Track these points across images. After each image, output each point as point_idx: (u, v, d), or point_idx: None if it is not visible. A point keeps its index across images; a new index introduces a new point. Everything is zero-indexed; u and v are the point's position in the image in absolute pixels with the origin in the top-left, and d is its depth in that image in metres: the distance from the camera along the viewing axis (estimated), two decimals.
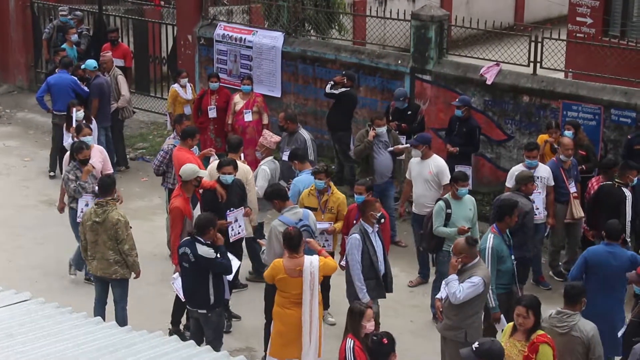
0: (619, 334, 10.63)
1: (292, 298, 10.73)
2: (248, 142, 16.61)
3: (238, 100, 17.02)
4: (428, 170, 13.66)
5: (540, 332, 9.16)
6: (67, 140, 14.45)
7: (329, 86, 16.75)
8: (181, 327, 12.36)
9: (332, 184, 12.82)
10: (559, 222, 13.98)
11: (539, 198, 13.37)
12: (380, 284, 11.48)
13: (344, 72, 17.05)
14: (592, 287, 10.67)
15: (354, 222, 12.23)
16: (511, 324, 9.39)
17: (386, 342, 8.61)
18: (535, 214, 13.03)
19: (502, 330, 9.92)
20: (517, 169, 13.73)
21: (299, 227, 11.50)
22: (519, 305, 9.23)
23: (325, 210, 12.55)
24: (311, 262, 10.69)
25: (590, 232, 13.38)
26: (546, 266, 14.40)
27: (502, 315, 11.13)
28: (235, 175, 12.58)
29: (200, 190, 12.57)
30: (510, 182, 13.67)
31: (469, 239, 10.48)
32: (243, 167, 13.23)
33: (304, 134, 15.02)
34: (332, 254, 12.83)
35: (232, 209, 12.61)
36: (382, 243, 11.62)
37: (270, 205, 12.48)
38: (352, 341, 9.15)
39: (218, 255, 10.96)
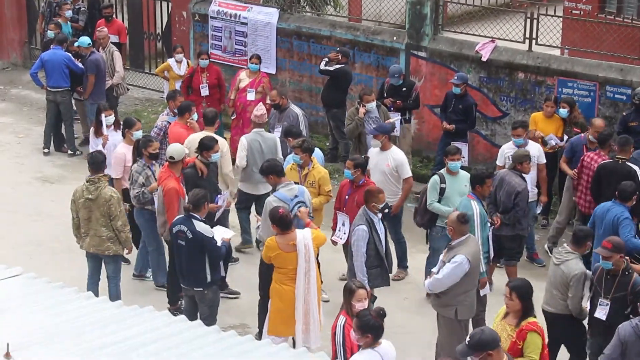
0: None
1: (289, 274, 10.73)
2: (248, 120, 16.51)
3: (244, 77, 16.95)
4: (386, 162, 13.25)
5: (531, 319, 9.12)
6: (97, 145, 14.10)
7: (323, 63, 16.69)
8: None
9: (314, 158, 12.73)
10: (567, 200, 13.97)
11: (528, 177, 13.05)
12: (385, 271, 11.45)
13: (338, 49, 16.99)
14: (597, 240, 11.20)
15: (346, 197, 12.22)
16: (504, 307, 9.35)
17: (374, 316, 8.57)
18: None
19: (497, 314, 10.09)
20: (507, 147, 13.76)
21: (295, 203, 11.49)
22: (506, 286, 9.28)
23: (304, 184, 12.46)
24: (304, 235, 10.73)
25: (581, 203, 13.39)
26: (542, 242, 14.37)
27: (488, 282, 11.17)
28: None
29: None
30: (500, 161, 13.67)
31: (460, 216, 10.51)
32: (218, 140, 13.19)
33: (295, 109, 14.99)
34: None
35: (222, 192, 12.63)
36: (386, 227, 11.56)
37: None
38: (344, 318, 9.14)
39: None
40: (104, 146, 14.08)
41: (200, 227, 10.81)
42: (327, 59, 16.66)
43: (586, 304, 10.38)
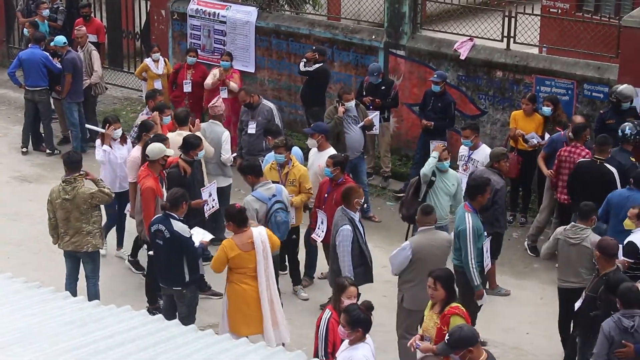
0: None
1: (249, 272, 10.69)
2: None
3: (217, 75, 16.94)
4: (319, 163, 13.05)
5: (454, 304, 9.26)
6: (99, 154, 13.78)
7: (302, 64, 16.66)
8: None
9: (293, 157, 12.74)
10: (548, 199, 14.01)
11: (464, 179, 12.92)
12: (369, 269, 11.43)
13: (314, 48, 16.97)
14: (613, 228, 11.62)
15: (325, 195, 12.22)
16: None
17: (363, 310, 8.62)
18: None
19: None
20: (461, 149, 13.91)
21: (273, 203, 11.48)
22: (429, 276, 9.36)
23: (286, 183, 12.48)
24: (259, 232, 10.74)
25: (563, 197, 13.43)
26: (521, 240, 14.42)
27: (484, 292, 11.21)
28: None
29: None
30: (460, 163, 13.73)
31: (424, 206, 10.88)
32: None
33: (268, 104, 15.00)
34: (297, 229, 12.81)
35: (208, 185, 12.61)
36: (362, 225, 11.56)
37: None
38: (330, 313, 9.17)
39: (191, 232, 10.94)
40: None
41: (178, 226, 10.78)
42: (305, 60, 16.65)
43: None
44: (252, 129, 14.49)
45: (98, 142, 13.84)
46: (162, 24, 20.02)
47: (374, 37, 17.28)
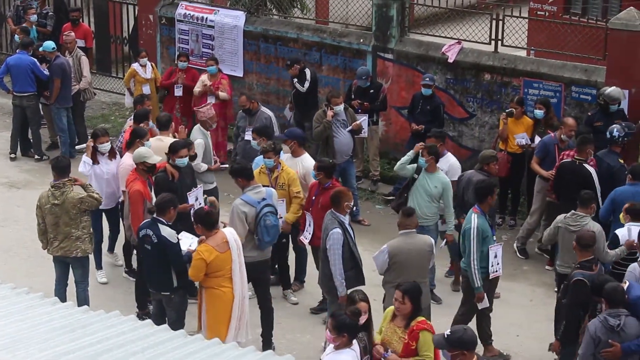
0: None
1: (227, 274, 10.68)
2: None
3: (205, 81, 16.93)
4: (295, 169, 12.86)
5: (420, 318, 9.25)
6: (81, 166, 13.56)
7: (297, 84, 16.52)
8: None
9: (282, 160, 12.71)
10: (539, 202, 14.02)
11: None
12: (360, 272, 11.40)
13: (288, 63, 16.77)
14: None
15: (313, 198, 12.21)
16: (391, 308, 9.41)
17: (350, 316, 8.62)
18: None
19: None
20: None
21: (262, 206, 11.47)
22: (397, 289, 9.33)
23: (276, 187, 12.43)
24: (230, 231, 10.80)
25: (554, 196, 13.47)
26: (510, 242, 14.43)
27: (485, 295, 11.22)
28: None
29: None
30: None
31: (404, 209, 11.13)
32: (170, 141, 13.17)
33: (267, 111, 15.03)
34: (287, 233, 12.75)
35: (193, 189, 12.59)
36: (352, 229, 11.55)
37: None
38: None
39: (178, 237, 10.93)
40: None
41: (166, 232, 10.75)
42: (295, 79, 16.57)
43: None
44: (249, 135, 14.42)
45: (84, 156, 13.52)
46: (150, 28, 20.00)
47: (362, 40, 17.30)
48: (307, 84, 16.43)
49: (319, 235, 11.90)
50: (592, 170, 12.79)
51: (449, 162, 13.33)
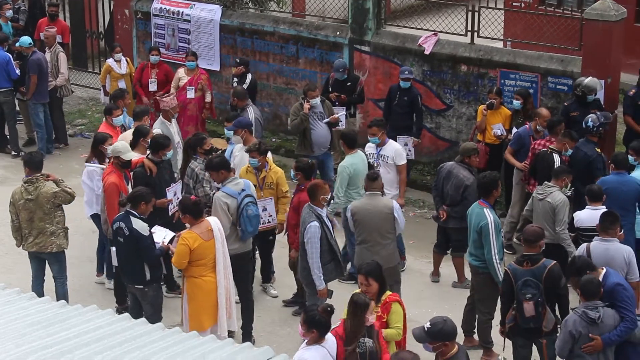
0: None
1: (210, 263, 10.71)
2: (189, 118, 16.59)
3: (182, 76, 16.86)
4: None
5: (389, 292, 9.41)
6: (92, 177, 13.42)
7: (235, 82, 16.43)
8: None
9: (269, 159, 12.61)
10: (519, 193, 14.06)
11: (385, 178, 12.71)
12: (339, 264, 11.41)
13: (238, 60, 16.72)
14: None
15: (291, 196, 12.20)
16: (357, 291, 9.35)
17: (321, 312, 8.59)
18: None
19: None
20: (368, 146, 13.44)
21: (242, 197, 11.48)
22: (359, 273, 9.40)
23: (263, 186, 12.38)
24: (215, 221, 10.84)
25: (531, 187, 13.48)
26: None
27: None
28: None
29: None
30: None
31: (369, 174, 11.71)
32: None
33: (252, 111, 14.88)
34: (273, 231, 12.72)
35: (172, 184, 12.56)
36: (331, 222, 11.53)
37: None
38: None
39: (152, 231, 10.91)
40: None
41: (138, 224, 10.74)
42: (235, 79, 16.44)
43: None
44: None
45: (85, 172, 13.10)
46: (126, 23, 19.93)
47: (338, 33, 17.29)
48: (245, 83, 16.18)
49: (291, 236, 12.01)
50: (557, 159, 12.88)
51: (394, 148, 13.37)
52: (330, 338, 8.52)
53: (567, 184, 12.08)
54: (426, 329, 7.99)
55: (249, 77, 16.51)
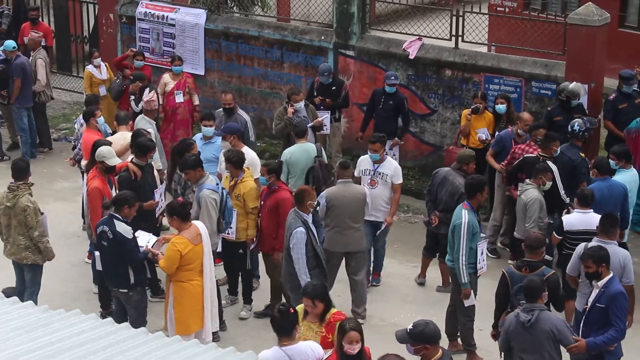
0: None
1: (197, 267, 10.73)
2: (179, 122, 16.54)
3: (168, 81, 16.80)
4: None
5: (333, 310, 9.20)
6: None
7: (133, 103, 16.10)
8: None
9: (248, 170, 12.36)
10: (501, 196, 14.07)
11: (378, 194, 12.64)
12: (323, 270, 11.37)
13: (132, 77, 16.47)
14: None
15: (261, 203, 12.12)
16: (302, 306, 9.26)
17: (292, 311, 8.56)
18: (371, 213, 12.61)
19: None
20: (364, 159, 13.02)
21: (221, 190, 11.69)
22: (305, 296, 9.16)
23: (231, 195, 12.16)
24: (200, 225, 10.86)
25: (513, 190, 13.50)
26: None
27: (472, 292, 11.25)
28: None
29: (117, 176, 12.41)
30: (357, 171, 12.99)
31: (341, 162, 12.51)
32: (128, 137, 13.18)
33: (244, 115, 14.85)
34: (243, 244, 12.38)
35: (159, 186, 12.56)
36: (316, 227, 11.46)
37: None
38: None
39: (135, 235, 10.90)
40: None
41: (121, 227, 10.73)
42: (133, 96, 16.12)
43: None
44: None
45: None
46: (111, 27, 19.90)
47: (323, 37, 17.31)
48: (141, 105, 15.73)
49: (268, 241, 11.96)
50: (554, 167, 12.87)
51: (393, 166, 12.95)
52: (303, 345, 8.42)
53: (544, 183, 12.19)
54: (408, 331, 8.00)
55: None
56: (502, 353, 9.78)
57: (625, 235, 12.53)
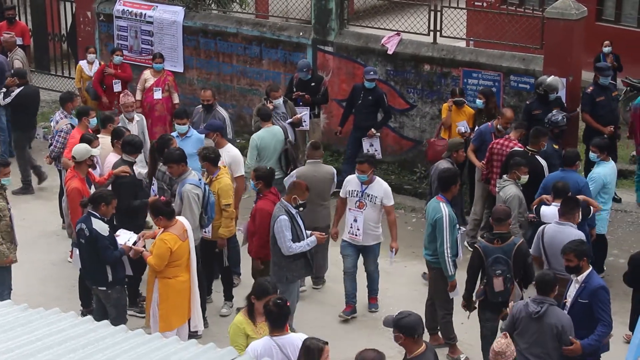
0: None
1: (184, 263, 10.72)
2: (157, 119, 16.54)
3: (148, 77, 16.80)
4: (221, 160, 12.30)
5: None
6: None
7: (1, 96, 16.24)
8: None
9: (224, 168, 12.30)
10: (481, 190, 14.10)
11: (370, 217, 12.05)
12: (308, 262, 11.35)
13: (12, 72, 16.49)
14: None
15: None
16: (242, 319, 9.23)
17: (289, 304, 8.61)
18: (355, 235, 12.14)
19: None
20: (351, 178, 12.26)
21: (203, 184, 11.67)
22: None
23: None
24: (184, 220, 10.89)
25: (492, 186, 13.52)
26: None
27: (457, 283, 11.29)
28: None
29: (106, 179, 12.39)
30: (342, 192, 12.32)
31: (312, 143, 12.99)
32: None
33: (222, 112, 14.82)
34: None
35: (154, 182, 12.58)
36: (302, 221, 11.41)
37: None
38: None
39: (117, 234, 10.87)
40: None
41: (97, 225, 10.70)
42: (4, 90, 16.20)
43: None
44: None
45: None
46: (89, 25, 19.84)
47: (301, 34, 17.31)
48: (9, 95, 15.89)
49: (252, 245, 11.86)
50: (543, 162, 12.90)
51: (383, 187, 12.19)
52: (294, 336, 8.50)
53: (519, 177, 12.13)
54: (394, 317, 8.11)
55: (20, 90, 15.99)
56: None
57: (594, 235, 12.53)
